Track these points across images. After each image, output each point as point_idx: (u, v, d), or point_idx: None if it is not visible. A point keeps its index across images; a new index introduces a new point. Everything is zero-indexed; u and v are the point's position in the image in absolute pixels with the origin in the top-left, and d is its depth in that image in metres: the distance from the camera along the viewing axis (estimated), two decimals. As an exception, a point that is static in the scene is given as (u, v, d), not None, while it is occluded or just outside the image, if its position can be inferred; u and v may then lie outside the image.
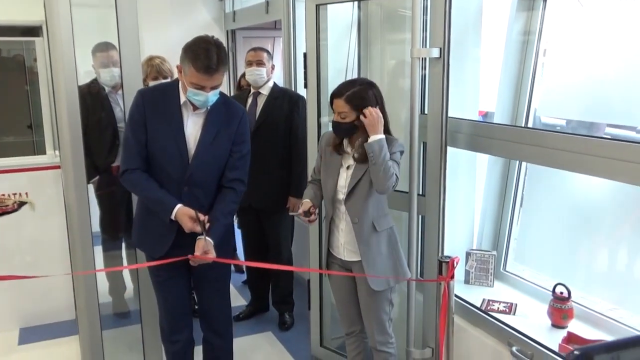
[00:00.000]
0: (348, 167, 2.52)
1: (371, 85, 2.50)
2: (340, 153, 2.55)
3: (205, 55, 2.23)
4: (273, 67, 3.62)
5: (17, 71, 5.60)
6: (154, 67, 3.48)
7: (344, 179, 2.52)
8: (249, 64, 3.59)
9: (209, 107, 2.42)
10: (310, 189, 2.68)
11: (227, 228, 2.56)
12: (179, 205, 2.39)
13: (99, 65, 3.47)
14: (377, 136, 2.37)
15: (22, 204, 2.58)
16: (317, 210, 2.57)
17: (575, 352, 0.66)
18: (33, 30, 4.86)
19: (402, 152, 2.50)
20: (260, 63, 3.56)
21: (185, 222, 2.36)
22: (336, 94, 2.44)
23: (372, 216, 2.49)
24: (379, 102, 2.46)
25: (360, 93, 2.41)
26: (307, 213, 2.51)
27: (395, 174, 2.40)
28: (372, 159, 2.37)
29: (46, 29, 2.88)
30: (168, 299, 2.63)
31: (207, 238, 2.37)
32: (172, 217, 2.39)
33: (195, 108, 2.41)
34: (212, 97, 2.35)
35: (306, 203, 2.56)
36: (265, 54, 3.59)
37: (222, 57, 2.28)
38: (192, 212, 2.36)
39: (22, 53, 5.63)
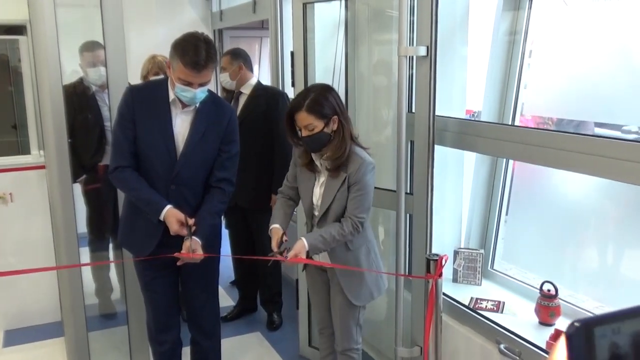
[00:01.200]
0: (322, 184, 2.42)
1: (328, 89, 2.38)
2: (313, 171, 2.45)
3: (194, 51, 2.21)
4: (240, 66, 3.55)
5: (0, 71, 5.53)
6: (156, 63, 3.45)
7: (317, 198, 2.43)
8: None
9: (197, 105, 2.40)
10: (279, 207, 2.52)
11: (214, 228, 2.55)
12: (168, 206, 2.37)
13: (86, 64, 3.45)
14: (305, 246, 2.28)
15: None
16: (288, 248, 2.33)
17: (575, 324, 0.64)
18: (17, 29, 4.80)
19: (373, 169, 2.36)
20: (223, 69, 3.57)
21: (173, 224, 2.34)
22: (295, 108, 2.30)
23: None
24: (339, 106, 2.34)
25: (318, 99, 2.29)
26: (280, 243, 2.33)
27: (353, 227, 2.30)
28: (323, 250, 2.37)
29: (30, 28, 2.85)
30: (155, 299, 2.61)
31: (194, 238, 2.36)
32: (161, 217, 2.37)
33: (184, 106, 2.39)
34: (200, 94, 2.33)
35: (276, 232, 2.38)
36: (228, 57, 3.57)
37: (211, 53, 2.26)
38: (181, 215, 2.34)
39: (6, 53, 5.55)
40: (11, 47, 5.36)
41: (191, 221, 2.36)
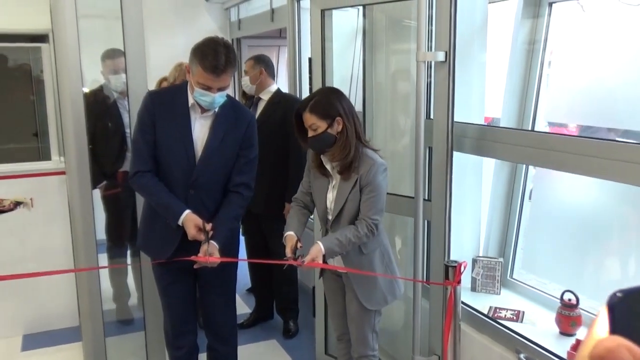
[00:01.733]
0: (334, 187, 2.44)
1: (333, 91, 2.44)
2: (326, 175, 2.46)
3: (213, 55, 2.22)
4: (261, 71, 3.59)
5: (23, 80, 5.63)
6: (182, 71, 3.48)
7: (330, 201, 2.44)
8: None
9: (216, 110, 2.41)
10: (294, 215, 2.52)
11: (232, 232, 2.55)
12: (187, 211, 2.37)
13: (108, 71, 3.49)
14: (322, 250, 2.28)
15: (18, 203, 2.57)
16: (303, 254, 2.34)
17: (618, 294, 0.60)
18: (39, 38, 4.89)
19: (385, 170, 2.36)
20: (245, 72, 3.63)
21: (190, 228, 2.34)
22: (300, 109, 2.37)
23: None
24: (344, 108, 2.36)
25: (322, 100, 2.35)
26: (295, 250, 2.33)
27: (368, 229, 2.30)
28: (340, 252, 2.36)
29: (52, 37, 2.90)
30: (172, 303, 2.61)
31: (211, 242, 2.36)
32: (180, 222, 2.37)
33: (203, 110, 2.40)
34: (219, 98, 2.34)
35: (290, 238, 2.39)
36: (251, 62, 3.62)
37: (231, 58, 2.27)
38: (199, 221, 2.34)
39: (29, 62, 5.66)
40: (34, 57, 5.46)
41: (209, 226, 2.36)
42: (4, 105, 5.51)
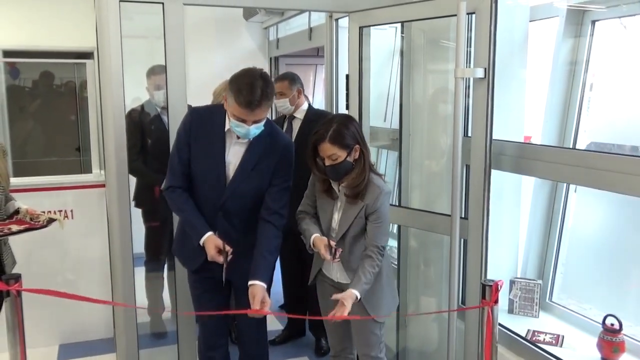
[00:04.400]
0: (339, 209, 2.46)
1: (349, 119, 2.45)
2: (332, 196, 2.49)
3: (248, 90, 2.20)
4: (299, 91, 3.57)
5: (68, 97, 5.82)
6: None
7: (336, 222, 2.47)
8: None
9: (251, 139, 2.39)
10: (310, 222, 2.53)
11: (274, 265, 2.52)
12: (209, 233, 2.39)
13: (153, 87, 3.55)
14: (357, 296, 2.31)
15: (51, 220, 2.61)
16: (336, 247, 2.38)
17: None
18: (84, 55, 5.06)
19: (389, 197, 2.44)
20: (281, 94, 3.53)
21: (210, 249, 2.35)
22: (319, 139, 2.37)
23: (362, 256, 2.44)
24: (359, 135, 2.40)
25: (341, 130, 2.35)
26: (330, 250, 2.36)
27: (379, 254, 2.38)
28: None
29: (97, 54, 2.97)
30: (204, 317, 2.62)
31: (260, 283, 2.34)
32: (201, 243, 2.39)
33: (239, 137, 2.40)
34: (254, 130, 2.32)
35: (320, 239, 2.42)
36: (286, 83, 3.55)
37: (267, 92, 2.22)
38: (219, 242, 2.36)
39: (74, 80, 5.86)
40: (78, 74, 5.66)
41: (228, 248, 2.36)
42: (49, 120, 5.71)
